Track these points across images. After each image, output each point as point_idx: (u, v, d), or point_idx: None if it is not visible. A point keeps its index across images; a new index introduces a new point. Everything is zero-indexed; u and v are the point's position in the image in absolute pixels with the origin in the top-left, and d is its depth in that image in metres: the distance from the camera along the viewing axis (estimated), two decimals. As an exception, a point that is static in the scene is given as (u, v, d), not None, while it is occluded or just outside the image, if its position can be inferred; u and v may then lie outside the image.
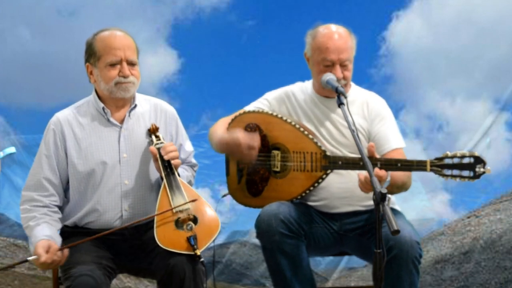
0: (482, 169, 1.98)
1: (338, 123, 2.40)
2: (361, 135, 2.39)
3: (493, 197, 5.82)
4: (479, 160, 1.98)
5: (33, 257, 2.03)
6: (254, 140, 2.33)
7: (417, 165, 2.04)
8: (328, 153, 2.29)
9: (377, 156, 2.09)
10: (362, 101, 2.43)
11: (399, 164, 2.03)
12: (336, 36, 2.34)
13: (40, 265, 2.02)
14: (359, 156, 2.18)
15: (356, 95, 2.46)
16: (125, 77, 2.23)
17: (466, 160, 1.99)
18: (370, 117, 2.41)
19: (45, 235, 2.08)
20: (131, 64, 2.26)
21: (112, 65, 2.22)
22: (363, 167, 2.14)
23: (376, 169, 2.01)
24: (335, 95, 2.21)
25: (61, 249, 2.06)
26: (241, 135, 2.32)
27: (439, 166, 2.01)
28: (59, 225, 2.21)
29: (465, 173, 2.00)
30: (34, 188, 2.23)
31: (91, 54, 2.26)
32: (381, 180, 2.02)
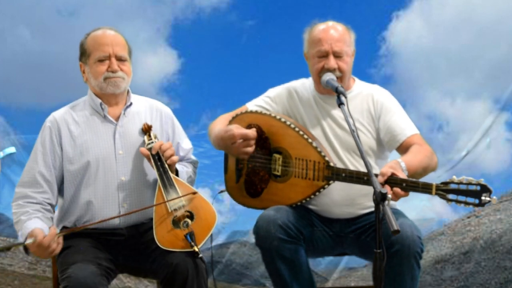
0: (487, 198, 1.94)
1: (341, 119, 2.37)
2: (367, 131, 2.37)
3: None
4: (485, 189, 1.94)
5: (30, 239, 2.00)
6: (249, 132, 2.31)
7: (423, 188, 2.01)
8: (331, 164, 2.25)
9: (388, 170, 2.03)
10: (367, 95, 2.42)
11: (404, 184, 2.01)
12: (330, 28, 2.35)
13: (37, 248, 2.00)
14: (363, 171, 2.17)
15: (360, 89, 2.44)
16: (113, 71, 2.25)
17: (472, 187, 1.96)
18: (377, 110, 2.39)
19: (37, 227, 2.07)
20: (120, 59, 2.27)
21: (101, 60, 2.25)
22: (366, 182, 2.13)
23: (397, 189, 2.00)
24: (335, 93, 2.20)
25: (60, 234, 2.05)
26: (235, 127, 2.31)
27: (444, 190, 1.99)
28: (50, 223, 2.19)
29: (470, 200, 1.96)
30: (28, 184, 2.24)
31: (83, 52, 2.31)
32: (400, 196, 2.01)
